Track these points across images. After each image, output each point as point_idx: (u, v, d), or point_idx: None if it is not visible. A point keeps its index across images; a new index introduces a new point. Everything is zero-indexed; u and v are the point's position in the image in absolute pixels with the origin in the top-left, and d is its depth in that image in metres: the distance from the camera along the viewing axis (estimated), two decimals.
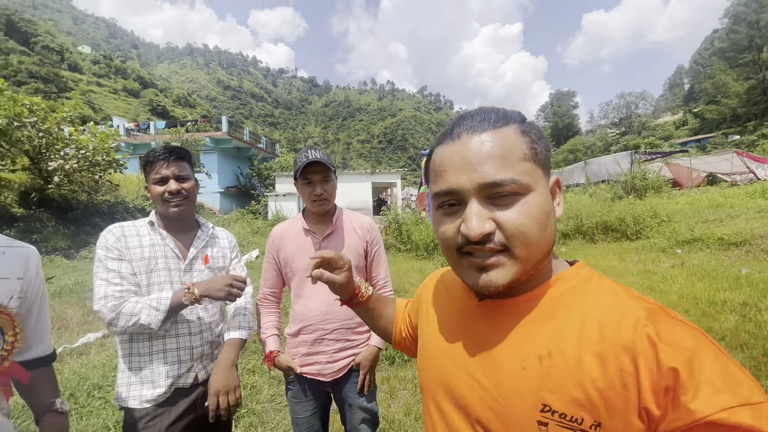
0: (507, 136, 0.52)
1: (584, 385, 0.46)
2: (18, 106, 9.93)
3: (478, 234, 0.49)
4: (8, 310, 0.91)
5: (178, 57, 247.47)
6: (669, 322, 0.46)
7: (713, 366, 0.41)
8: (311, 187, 1.48)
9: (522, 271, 0.51)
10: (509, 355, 0.54)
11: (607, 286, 0.54)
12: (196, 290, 1.27)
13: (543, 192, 0.52)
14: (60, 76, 61.01)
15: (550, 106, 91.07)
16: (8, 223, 10.00)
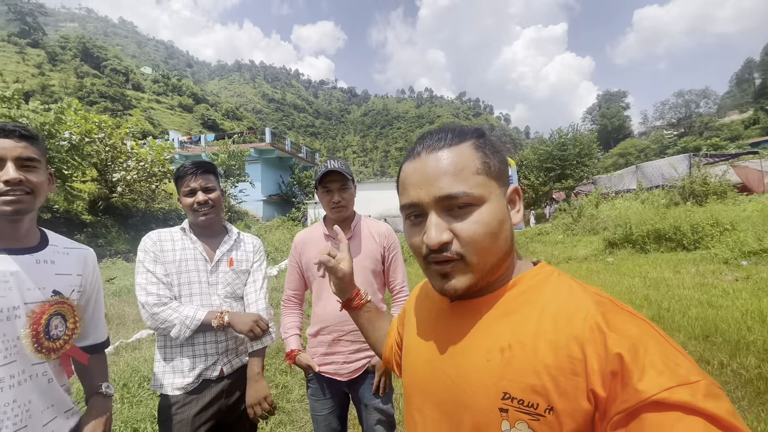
0: (461, 152, 0.57)
1: (539, 372, 0.50)
2: (89, 124, 11.12)
3: (436, 243, 0.55)
4: (70, 300, 1.05)
5: (227, 73, 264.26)
6: (617, 313, 0.50)
7: (656, 350, 0.44)
8: (329, 195, 1.55)
9: (478, 277, 0.57)
10: (475, 349, 0.58)
11: (565, 282, 0.58)
12: (226, 318, 1.41)
13: (497, 202, 0.57)
14: (125, 95, 67.39)
15: (597, 108, 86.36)
16: (79, 228, 11.14)
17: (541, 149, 24.32)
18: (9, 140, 0.95)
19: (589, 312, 0.51)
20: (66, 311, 1.04)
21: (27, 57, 67.66)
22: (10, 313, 0.92)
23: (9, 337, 0.92)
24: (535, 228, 16.34)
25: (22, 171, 0.95)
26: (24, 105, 9.43)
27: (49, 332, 0.98)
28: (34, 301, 0.97)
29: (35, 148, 1.01)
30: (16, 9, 75.90)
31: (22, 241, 1.00)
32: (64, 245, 1.11)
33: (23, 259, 0.97)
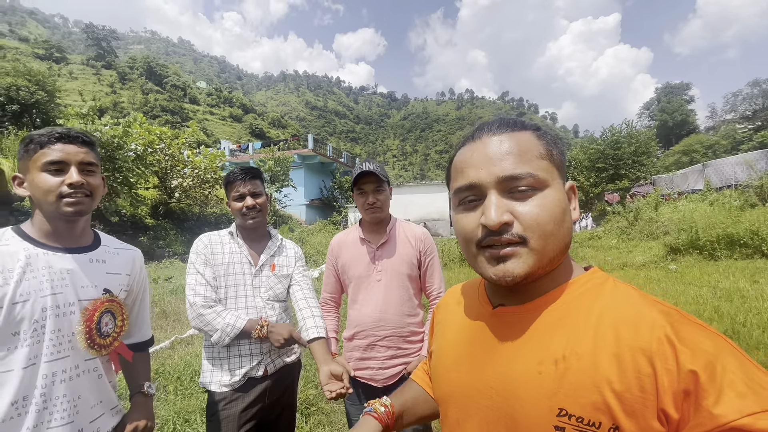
0: (524, 137, 0.55)
1: (600, 387, 0.45)
2: (151, 135, 12.15)
3: (496, 222, 0.51)
4: (119, 299, 1.10)
5: (273, 84, 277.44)
6: (688, 325, 0.45)
7: (736, 370, 0.40)
8: (364, 197, 1.54)
9: (538, 264, 0.52)
10: (524, 360, 0.53)
11: (623, 289, 0.53)
12: (266, 330, 1.44)
13: (559, 189, 0.54)
14: (183, 108, 72.99)
15: (656, 102, 79.78)
16: (142, 231, 12.16)
17: (592, 148, 22.86)
18: (73, 146, 1.00)
19: (656, 322, 0.45)
20: (115, 309, 1.08)
21: (102, 77, 75.58)
22: (66, 309, 0.97)
23: (64, 333, 0.96)
24: (586, 232, 15.36)
25: (83, 175, 1.00)
26: (98, 120, 10.51)
27: (101, 329, 1.03)
28: (87, 298, 1.01)
29: (94, 153, 1.07)
30: (93, 36, 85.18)
31: (77, 240, 1.06)
32: (114, 246, 1.17)
33: (78, 258, 1.03)
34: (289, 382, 1.63)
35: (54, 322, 0.94)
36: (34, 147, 0.97)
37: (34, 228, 1.01)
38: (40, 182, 0.96)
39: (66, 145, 0.99)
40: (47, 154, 0.96)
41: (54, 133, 0.99)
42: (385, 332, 1.52)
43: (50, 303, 0.93)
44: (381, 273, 1.56)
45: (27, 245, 0.96)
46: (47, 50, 74.36)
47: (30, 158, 0.98)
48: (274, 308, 1.59)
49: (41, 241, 0.99)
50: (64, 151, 0.98)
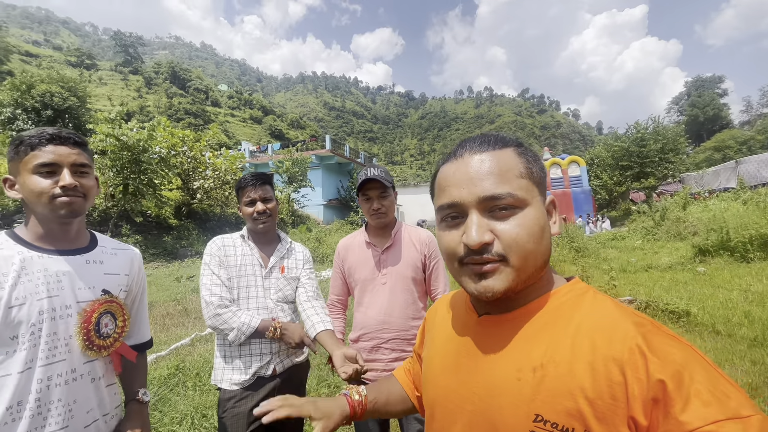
0: (505, 155, 0.57)
1: (575, 394, 0.47)
2: (174, 138, 12.56)
3: (477, 243, 0.53)
4: (119, 300, 1.09)
5: (292, 85, 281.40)
6: (659, 336, 0.47)
7: (702, 379, 0.42)
8: (369, 203, 1.57)
9: (517, 280, 0.54)
10: (505, 367, 0.55)
11: (602, 301, 0.55)
12: (279, 331, 1.48)
13: (538, 207, 0.56)
14: (205, 111, 75.03)
15: (686, 96, 76.40)
16: (166, 231, 12.58)
17: (616, 146, 22.15)
18: (65, 147, 0.97)
19: (628, 333, 0.47)
20: (115, 310, 1.07)
21: (129, 82, 78.59)
22: (63, 312, 0.95)
23: (60, 336, 0.94)
24: (609, 233, 14.90)
25: (76, 176, 0.98)
26: (124, 125, 10.94)
27: (100, 330, 1.01)
28: (85, 300, 1.00)
29: (87, 154, 1.04)
30: (121, 42, 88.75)
31: (73, 242, 1.04)
32: (112, 246, 1.15)
33: (74, 260, 1.01)
34: (297, 382, 1.66)
35: (50, 326, 0.92)
36: (25, 149, 0.95)
37: (28, 231, 0.99)
38: (31, 185, 0.94)
39: (57, 146, 0.97)
40: (38, 156, 0.94)
41: (44, 134, 0.96)
42: (390, 335, 1.54)
43: (46, 306, 0.92)
44: (386, 276, 1.58)
45: (21, 249, 0.95)
46: (79, 57, 77.91)
47: (21, 160, 0.95)
48: (284, 309, 1.63)
49: (35, 244, 0.98)
50: (56, 153, 0.96)
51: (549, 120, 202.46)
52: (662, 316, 4.51)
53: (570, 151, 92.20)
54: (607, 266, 6.67)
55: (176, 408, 2.86)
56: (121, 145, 10.29)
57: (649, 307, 4.70)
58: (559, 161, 18.70)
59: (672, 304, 4.59)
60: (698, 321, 4.29)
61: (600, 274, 6.72)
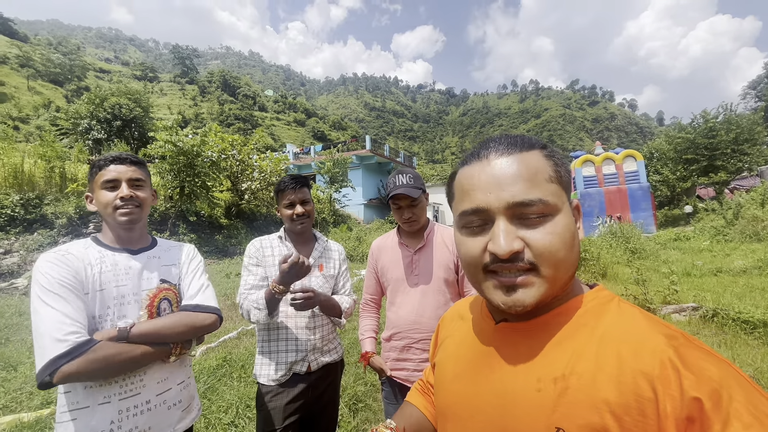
0: (533, 158, 0.53)
1: (599, 408, 0.45)
2: (224, 143, 13.34)
3: (507, 252, 0.49)
4: (174, 287, 1.28)
5: (333, 87, 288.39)
6: (693, 350, 0.44)
7: (741, 399, 0.39)
8: (400, 212, 1.57)
9: (549, 291, 0.51)
10: (524, 377, 0.52)
11: (627, 309, 0.52)
12: (277, 287, 1.46)
13: (568, 213, 0.53)
14: (253, 116, 79.13)
15: (765, 80, 67.98)
16: (218, 230, 13.39)
17: (679, 137, 20.25)
18: (123, 166, 1.21)
19: (659, 345, 0.45)
20: (171, 297, 1.26)
21: (186, 92, 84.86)
22: (131, 298, 1.17)
23: (131, 318, 1.15)
24: (671, 232, 13.65)
25: (133, 189, 1.21)
26: (180, 131, 11.81)
27: (160, 312, 1.22)
28: (148, 287, 1.21)
29: (142, 171, 1.26)
30: (178, 55, 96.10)
31: (137, 243, 1.27)
32: (168, 245, 1.38)
33: (139, 257, 1.24)
34: (331, 380, 1.70)
35: (119, 309, 1.14)
36: (95, 170, 1.20)
37: (103, 236, 1.24)
38: (100, 198, 1.18)
39: (118, 165, 1.20)
40: (104, 174, 1.19)
41: (109, 157, 1.21)
42: (421, 335, 1.53)
43: (116, 294, 1.14)
44: (418, 277, 1.57)
45: (100, 248, 1.20)
46: (143, 71, 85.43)
47: (93, 180, 1.20)
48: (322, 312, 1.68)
49: (109, 245, 1.22)
50: (116, 171, 1.19)
51: (602, 112, 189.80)
52: (733, 326, 4.04)
53: (626, 145, 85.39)
54: (667, 269, 6.10)
55: (223, 397, 3.03)
56: (177, 151, 11.11)
57: (717, 315, 4.24)
58: (612, 156, 17.40)
59: (746, 312, 4.10)
60: None
61: (659, 277, 6.17)
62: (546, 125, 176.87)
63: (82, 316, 1.04)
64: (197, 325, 1.21)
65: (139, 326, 1.12)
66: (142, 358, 1.10)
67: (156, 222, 11.64)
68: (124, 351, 1.06)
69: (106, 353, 1.02)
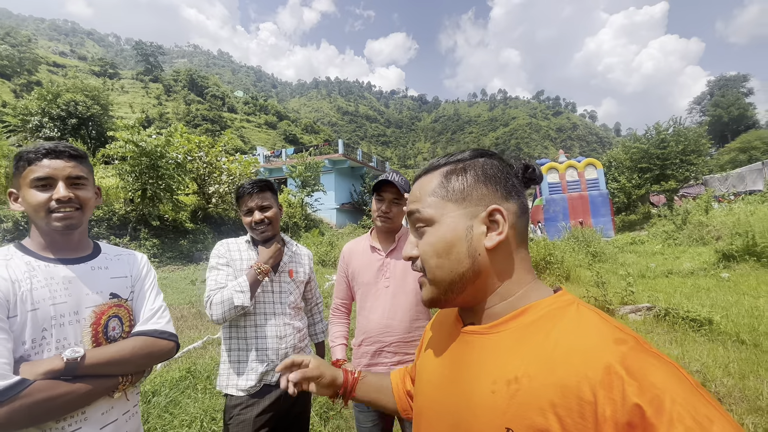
0: (427, 178, 0.64)
1: (544, 410, 0.46)
2: (191, 144, 12.85)
3: (405, 257, 0.64)
4: (127, 303, 1.12)
5: (306, 91, 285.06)
6: (639, 355, 0.45)
7: (684, 403, 0.40)
8: (381, 204, 1.57)
9: (437, 291, 0.60)
10: (482, 379, 0.55)
11: (585, 314, 0.53)
12: (261, 266, 1.50)
13: (448, 224, 0.59)
14: (222, 117, 76.61)
15: (708, 96, 73.91)
16: (183, 235, 12.84)
17: (635, 147, 21.59)
18: (60, 161, 1.01)
19: (606, 350, 0.46)
20: (123, 314, 1.09)
21: (149, 90, 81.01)
22: (71, 318, 0.98)
23: (71, 341, 0.97)
24: (628, 236, 14.49)
25: (72, 189, 1.01)
26: (143, 131, 11.26)
27: (107, 333, 1.04)
28: (93, 304, 1.03)
29: (83, 166, 1.06)
30: (142, 52, 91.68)
31: (76, 251, 1.07)
32: (115, 252, 1.19)
33: (79, 268, 1.05)
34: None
35: (59, 331, 0.95)
36: (23, 164, 1.00)
37: (32, 242, 1.03)
38: (29, 198, 0.98)
39: (53, 160, 1.00)
40: (34, 170, 0.98)
41: (41, 149, 1.00)
42: (392, 338, 1.53)
43: (53, 312, 0.95)
44: (389, 280, 1.58)
45: (29, 258, 0.99)
46: (102, 67, 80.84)
47: (20, 175, 1.00)
48: (297, 316, 1.66)
49: (40, 254, 1.01)
50: (51, 167, 0.99)
51: (565, 122, 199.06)
52: (682, 324, 4.33)
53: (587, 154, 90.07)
54: (624, 272, 6.46)
55: (186, 411, 2.89)
56: (139, 151, 10.58)
57: (668, 314, 4.53)
58: (575, 164, 18.30)
59: (693, 311, 4.41)
60: (721, 330, 4.11)
61: (617, 280, 6.53)
62: (513, 133, 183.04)
63: (5, 351, 0.84)
64: (155, 354, 1.08)
65: (92, 355, 0.95)
66: (85, 398, 0.93)
67: (115, 227, 11.00)
68: (65, 392, 0.88)
69: (41, 397, 0.84)
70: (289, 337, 1.59)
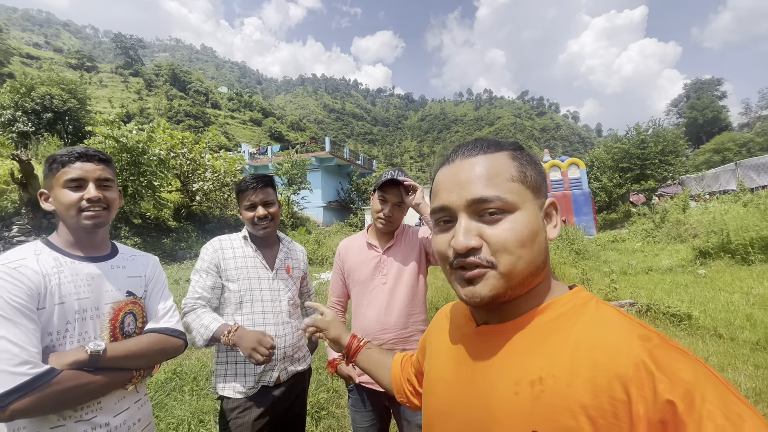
0: (496, 159, 0.56)
1: (574, 411, 0.45)
2: (173, 140, 12.54)
3: (463, 247, 0.53)
4: (141, 301, 1.19)
5: (292, 87, 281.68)
6: (666, 351, 0.44)
7: (714, 400, 0.39)
8: (384, 206, 1.54)
9: (506, 286, 0.53)
10: (503, 380, 0.53)
11: (605, 311, 0.52)
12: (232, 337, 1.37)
13: (531, 211, 0.55)
14: (205, 113, 75.10)
15: (685, 99, 76.39)
16: (165, 233, 12.53)
17: (616, 147, 22.15)
18: (91, 164, 1.10)
19: (633, 347, 0.45)
20: (137, 311, 1.17)
21: (129, 85, 78.69)
22: (93, 313, 1.05)
23: (91, 334, 1.04)
24: (610, 234, 14.87)
25: (100, 190, 1.10)
26: (123, 126, 10.91)
27: (123, 328, 1.12)
28: (112, 300, 1.11)
29: (110, 169, 1.16)
30: (121, 45, 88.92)
31: (98, 249, 1.15)
32: (130, 253, 1.26)
33: (101, 266, 1.12)
34: (300, 389, 1.63)
35: (81, 325, 1.02)
36: (57, 166, 1.08)
37: (60, 239, 1.11)
38: (62, 198, 1.06)
39: (84, 163, 1.09)
40: (68, 172, 1.07)
41: (74, 152, 1.09)
42: (389, 335, 1.52)
43: (77, 307, 1.02)
44: (386, 276, 1.57)
45: (56, 254, 1.05)
46: (79, 60, 78.07)
47: (54, 176, 1.08)
48: (295, 314, 1.62)
49: (67, 251, 1.08)
50: (83, 169, 1.08)
51: (548, 122, 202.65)
52: (663, 319, 4.47)
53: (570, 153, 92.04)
54: (607, 269, 6.63)
55: (173, 413, 2.82)
56: (120, 147, 10.25)
57: (650, 310, 4.67)
58: (558, 163, 18.65)
59: (673, 307, 4.56)
60: (700, 324, 4.26)
61: (600, 276, 6.69)
62: (499, 133, 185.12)
63: (35, 341, 0.91)
64: (168, 350, 1.16)
65: (113, 348, 1.03)
66: (104, 388, 1.02)
67: None
68: (88, 381, 0.96)
69: (68, 385, 0.91)
70: (288, 336, 1.56)
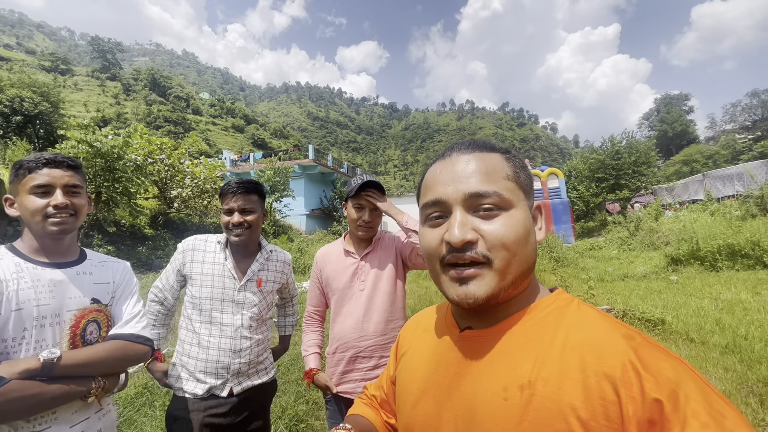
0: (492, 158, 0.57)
1: (566, 415, 0.44)
2: (151, 146, 12.22)
3: (460, 240, 0.51)
4: (107, 309, 1.16)
5: (275, 95, 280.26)
6: (650, 350, 0.45)
7: (698, 398, 0.40)
8: (361, 212, 1.51)
9: (501, 286, 0.51)
10: (490, 386, 0.51)
11: (586, 311, 0.52)
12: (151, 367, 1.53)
13: (524, 211, 0.55)
14: (186, 119, 73.64)
15: (656, 113, 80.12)
16: (141, 241, 12.12)
17: (592, 158, 22.96)
18: (59, 170, 1.08)
19: (619, 348, 0.45)
20: (101, 319, 1.14)
21: (106, 89, 76.54)
22: (52, 320, 1.02)
23: (49, 342, 1.01)
24: (587, 242, 15.27)
25: (68, 196, 1.08)
26: (98, 131, 10.55)
27: (85, 336, 1.08)
28: (75, 307, 1.08)
29: (79, 176, 1.14)
30: (99, 48, 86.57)
31: (64, 255, 1.13)
32: (99, 259, 1.23)
33: (66, 271, 1.10)
34: (258, 404, 1.54)
35: (39, 332, 0.99)
36: (23, 172, 1.07)
37: (24, 245, 1.09)
38: (28, 204, 1.05)
39: (52, 169, 1.07)
40: (35, 178, 1.05)
41: (42, 158, 1.08)
42: (367, 342, 1.49)
43: (36, 314, 0.99)
44: (364, 283, 1.54)
45: (18, 260, 1.04)
46: (53, 62, 75.58)
47: (20, 182, 1.07)
48: (259, 329, 1.54)
49: (30, 257, 1.07)
50: (50, 175, 1.07)
51: (528, 133, 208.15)
52: (639, 324, 4.59)
53: (549, 164, 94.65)
54: (585, 276, 6.79)
55: (143, 430, 2.69)
56: (94, 152, 9.87)
57: (626, 315, 4.78)
58: (538, 173, 19.11)
59: (648, 312, 4.69)
60: (673, 329, 4.39)
61: (579, 283, 6.84)
62: None
63: None
64: (130, 357, 1.12)
65: (68, 357, 0.98)
66: (58, 399, 0.96)
67: None
68: (38, 392, 0.92)
69: (13, 396, 0.87)
70: (245, 351, 1.48)
